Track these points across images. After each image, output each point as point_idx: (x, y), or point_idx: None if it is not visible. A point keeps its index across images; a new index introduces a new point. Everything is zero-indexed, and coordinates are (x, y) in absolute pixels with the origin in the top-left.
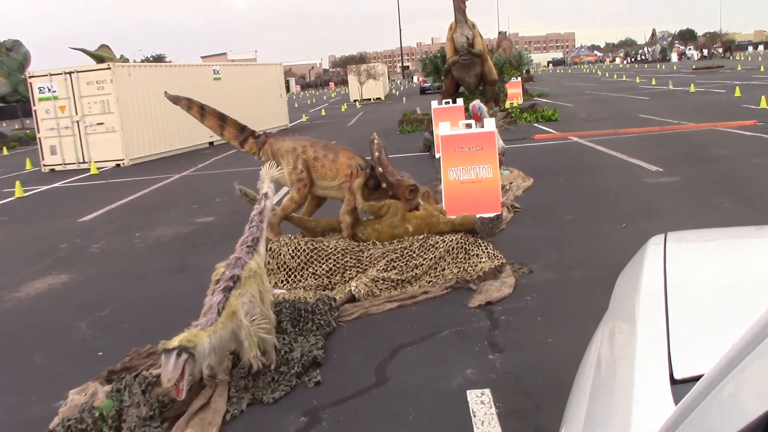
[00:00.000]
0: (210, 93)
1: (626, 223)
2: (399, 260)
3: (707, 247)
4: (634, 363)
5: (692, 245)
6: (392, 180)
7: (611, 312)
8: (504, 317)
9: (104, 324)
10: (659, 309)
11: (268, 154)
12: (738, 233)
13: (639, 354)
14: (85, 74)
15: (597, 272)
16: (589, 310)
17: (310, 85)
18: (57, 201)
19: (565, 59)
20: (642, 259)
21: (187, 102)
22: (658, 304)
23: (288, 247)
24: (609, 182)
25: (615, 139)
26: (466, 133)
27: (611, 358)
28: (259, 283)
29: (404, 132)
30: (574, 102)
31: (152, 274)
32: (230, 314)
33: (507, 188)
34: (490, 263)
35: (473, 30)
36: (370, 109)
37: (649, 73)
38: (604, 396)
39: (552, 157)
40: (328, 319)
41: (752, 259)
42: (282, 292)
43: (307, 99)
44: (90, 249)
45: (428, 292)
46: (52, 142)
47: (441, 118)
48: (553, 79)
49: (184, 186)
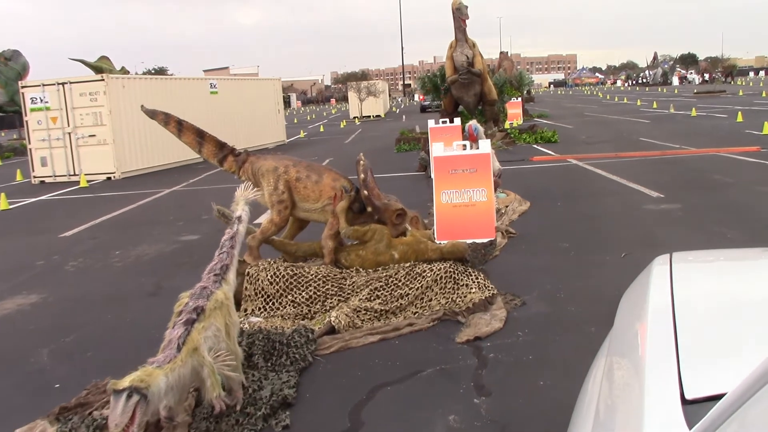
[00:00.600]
0: (206, 107)
1: (626, 253)
2: (383, 289)
3: (713, 268)
4: (644, 383)
5: (698, 266)
6: (378, 204)
7: (616, 331)
8: (493, 355)
9: (67, 351)
10: (668, 329)
11: (249, 173)
12: (743, 255)
13: (648, 374)
14: (78, 85)
15: (593, 307)
16: (583, 350)
17: (311, 101)
18: (41, 215)
19: (567, 80)
20: (648, 279)
21: (164, 117)
22: (666, 324)
23: (267, 272)
24: (608, 208)
25: (615, 162)
26: (461, 154)
27: (618, 378)
28: (225, 315)
29: (401, 151)
30: (574, 124)
31: (126, 297)
32: (191, 350)
33: (502, 212)
34: (481, 294)
35: (473, 49)
36: (369, 127)
37: (650, 96)
38: (613, 417)
39: (550, 180)
40: (303, 352)
41: (759, 279)
42: (259, 321)
43: (307, 115)
44: (66, 267)
45: (413, 324)
46: (42, 153)
47: (437, 138)
48: (553, 100)
49: (173, 201)
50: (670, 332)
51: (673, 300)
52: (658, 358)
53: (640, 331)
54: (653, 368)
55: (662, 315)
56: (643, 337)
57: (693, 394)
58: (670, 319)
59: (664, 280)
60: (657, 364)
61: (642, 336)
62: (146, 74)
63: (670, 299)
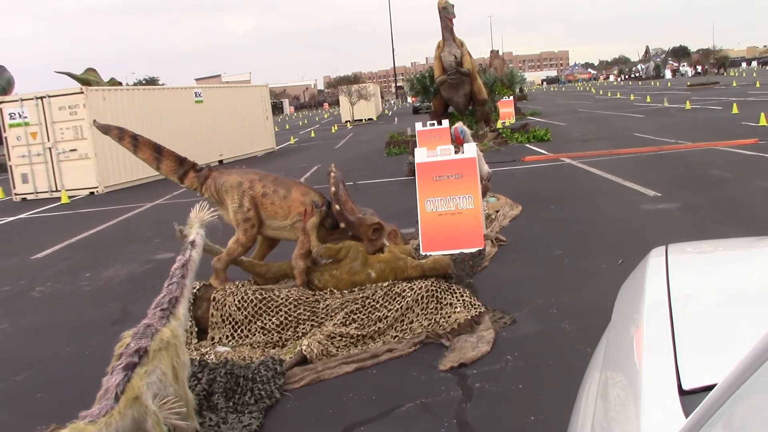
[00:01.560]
0: (192, 116)
1: (622, 260)
2: (360, 312)
3: (709, 259)
4: (641, 374)
5: (694, 257)
6: (352, 218)
7: (614, 324)
8: (479, 384)
9: (15, 392)
10: (664, 320)
11: (212, 190)
12: (738, 244)
13: (646, 365)
14: (57, 99)
15: (588, 323)
16: (577, 376)
17: (304, 106)
18: (16, 235)
19: (559, 77)
20: (644, 271)
21: (118, 132)
22: (663, 316)
23: (234, 296)
24: (603, 209)
25: (609, 160)
26: (445, 159)
27: (616, 369)
28: (173, 357)
29: (392, 154)
30: (567, 121)
31: (89, 326)
32: (131, 399)
33: (493, 217)
34: (466, 313)
35: (462, 48)
36: (360, 131)
37: (643, 90)
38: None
39: (543, 182)
40: (270, 388)
41: (755, 268)
42: (226, 350)
43: (300, 120)
44: (32, 293)
45: (393, 349)
46: (23, 170)
47: (425, 141)
48: (546, 97)
49: (153, 216)
50: (667, 324)
51: (670, 291)
52: (655, 350)
53: (638, 324)
54: (650, 359)
55: (658, 307)
56: (639, 330)
57: (690, 385)
58: (666, 311)
59: (660, 271)
60: (654, 355)
61: (639, 329)
62: (137, 84)
63: (666, 291)
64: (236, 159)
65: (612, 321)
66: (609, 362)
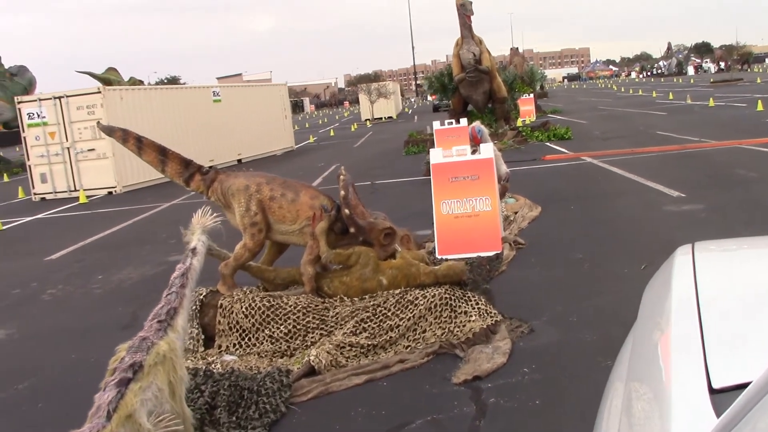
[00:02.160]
0: (209, 116)
1: (645, 264)
2: (371, 320)
3: (736, 257)
4: (671, 373)
5: (721, 255)
6: (362, 223)
7: (640, 323)
8: (493, 399)
9: (15, 402)
10: (692, 318)
11: (218, 193)
12: (765, 242)
13: (674, 363)
14: (74, 99)
15: (610, 332)
16: (599, 390)
17: (324, 105)
18: (32, 235)
19: (580, 74)
20: (670, 269)
21: (122, 134)
22: (691, 314)
23: (242, 303)
24: (625, 211)
25: (631, 159)
26: (461, 160)
27: (642, 377)
28: (169, 371)
29: (410, 153)
30: (588, 119)
31: (96, 331)
32: (124, 417)
33: (511, 219)
34: (482, 322)
35: (480, 46)
36: (380, 129)
37: (665, 87)
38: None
39: (563, 181)
40: (276, 402)
41: None
42: (233, 359)
43: (320, 119)
44: (43, 296)
45: (405, 360)
46: (42, 169)
47: (443, 140)
48: (567, 94)
49: (169, 217)
50: (695, 322)
51: (697, 289)
52: (684, 348)
53: (665, 322)
54: (679, 358)
55: (686, 305)
56: (668, 328)
57: (720, 383)
58: (694, 309)
59: (687, 270)
60: (683, 353)
61: (667, 326)
62: (158, 83)
63: (694, 289)
64: (255, 158)
65: (638, 320)
66: (634, 366)
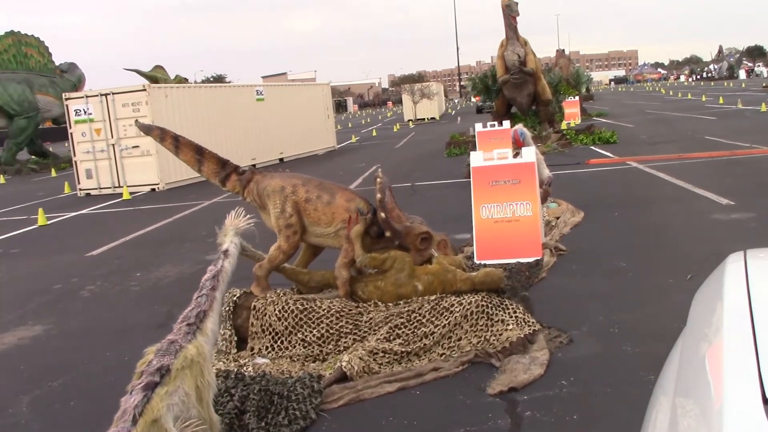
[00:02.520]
0: (252, 114)
1: (691, 275)
2: (405, 327)
3: None
4: (722, 386)
5: None
6: (398, 227)
7: (688, 333)
8: (529, 413)
9: (49, 400)
10: (745, 327)
11: (254, 194)
12: None
13: (726, 376)
14: (120, 96)
15: (653, 346)
16: (641, 407)
17: (367, 105)
18: (75, 231)
19: (628, 77)
20: (722, 277)
21: (159, 132)
22: (743, 323)
23: (275, 305)
24: (671, 218)
25: (679, 164)
26: (502, 164)
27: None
28: (197, 376)
29: (452, 155)
30: (635, 122)
31: (132, 330)
32: (150, 422)
33: (553, 224)
34: (519, 331)
35: (525, 47)
36: (422, 130)
37: (715, 91)
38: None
39: (607, 186)
40: (306, 408)
41: None
42: (265, 362)
43: (363, 119)
44: (81, 292)
45: (439, 368)
46: (87, 165)
47: (485, 142)
48: (614, 97)
49: (209, 215)
50: (748, 330)
51: (750, 298)
52: (736, 359)
53: (716, 331)
54: (732, 367)
55: (739, 313)
56: (719, 336)
57: None
58: (747, 317)
59: (739, 277)
60: (735, 365)
61: (719, 334)
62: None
63: (747, 297)
64: (297, 157)
65: (686, 329)
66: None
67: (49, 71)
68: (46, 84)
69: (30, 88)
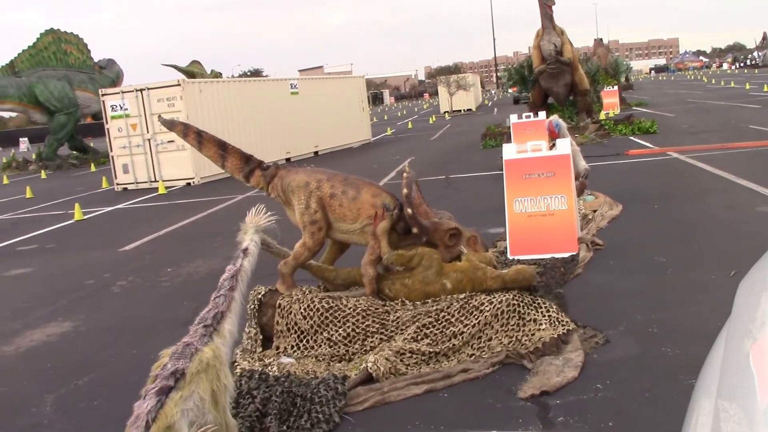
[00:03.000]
0: (287, 108)
1: (735, 271)
2: (433, 326)
3: None
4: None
5: None
6: (426, 224)
7: (733, 325)
8: (562, 418)
9: (73, 399)
10: None
11: (278, 189)
12: None
13: None
14: (155, 91)
15: (693, 347)
16: (680, 412)
17: (404, 97)
18: (110, 226)
19: (669, 66)
20: (766, 268)
21: (182, 128)
22: None
23: (300, 303)
24: (714, 211)
25: (721, 155)
26: (536, 156)
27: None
28: (213, 380)
29: (487, 147)
30: (675, 111)
31: (159, 327)
32: (163, 428)
33: (589, 218)
34: (552, 331)
35: (562, 37)
36: (458, 122)
37: (760, 79)
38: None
39: (647, 178)
40: (329, 411)
41: None
42: (290, 362)
43: (398, 111)
44: (113, 287)
45: (468, 370)
46: (124, 160)
47: (520, 133)
48: (654, 86)
49: (242, 209)
50: None
51: None
52: None
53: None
54: None
55: None
56: (762, 334)
57: None
58: None
59: None
60: None
61: (761, 332)
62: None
63: None
64: (332, 150)
65: (732, 315)
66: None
67: (88, 68)
68: (85, 80)
69: (70, 84)
